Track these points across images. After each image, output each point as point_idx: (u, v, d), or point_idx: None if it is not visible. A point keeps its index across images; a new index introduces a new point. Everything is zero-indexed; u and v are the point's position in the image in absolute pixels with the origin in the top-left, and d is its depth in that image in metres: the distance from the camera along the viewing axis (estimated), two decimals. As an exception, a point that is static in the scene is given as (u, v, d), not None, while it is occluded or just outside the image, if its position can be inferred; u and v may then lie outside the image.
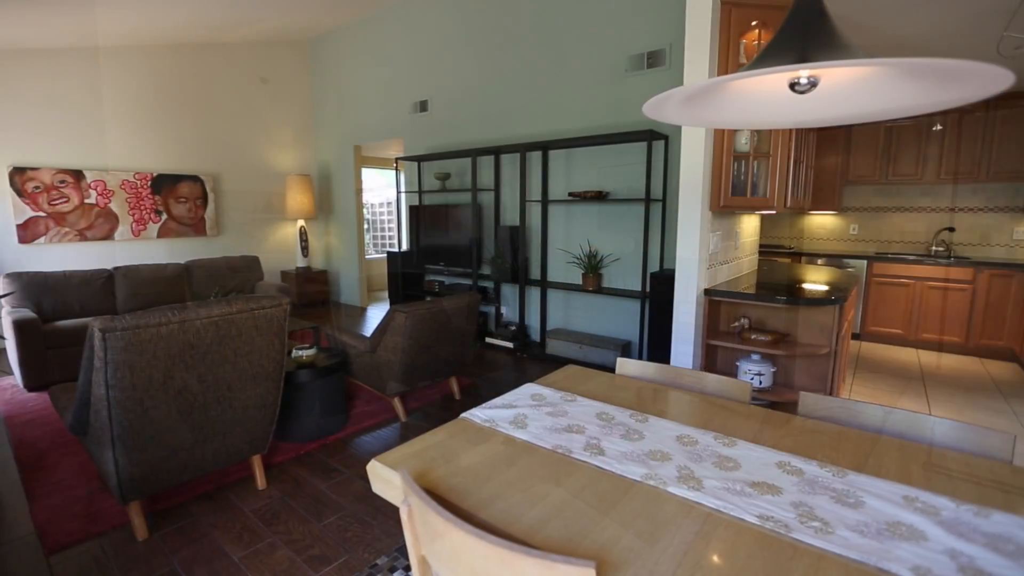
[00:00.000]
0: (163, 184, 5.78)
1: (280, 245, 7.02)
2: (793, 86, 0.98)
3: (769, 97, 1.04)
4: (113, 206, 5.45)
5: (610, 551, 0.90)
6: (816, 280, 3.23)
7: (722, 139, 2.72)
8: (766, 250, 5.92)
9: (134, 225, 5.62)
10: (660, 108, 1.01)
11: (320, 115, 7.16)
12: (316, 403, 2.98)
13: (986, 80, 0.84)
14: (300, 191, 6.79)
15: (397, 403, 3.28)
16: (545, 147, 4.48)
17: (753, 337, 2.78)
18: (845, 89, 0.99)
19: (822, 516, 0.99)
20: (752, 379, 2.76)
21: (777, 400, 2.74)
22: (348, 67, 6.61)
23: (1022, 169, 4.61)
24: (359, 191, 6.90)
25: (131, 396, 1.85)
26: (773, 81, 1.03)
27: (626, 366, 1.83)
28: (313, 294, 6.89)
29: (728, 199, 2.75)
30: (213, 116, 6.17)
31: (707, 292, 2.82)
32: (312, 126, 7.28)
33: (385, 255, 7.05)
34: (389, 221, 8.91)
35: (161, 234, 5.82)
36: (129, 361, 1.81)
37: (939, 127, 4.88)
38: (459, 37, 5.27)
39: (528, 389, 1.66)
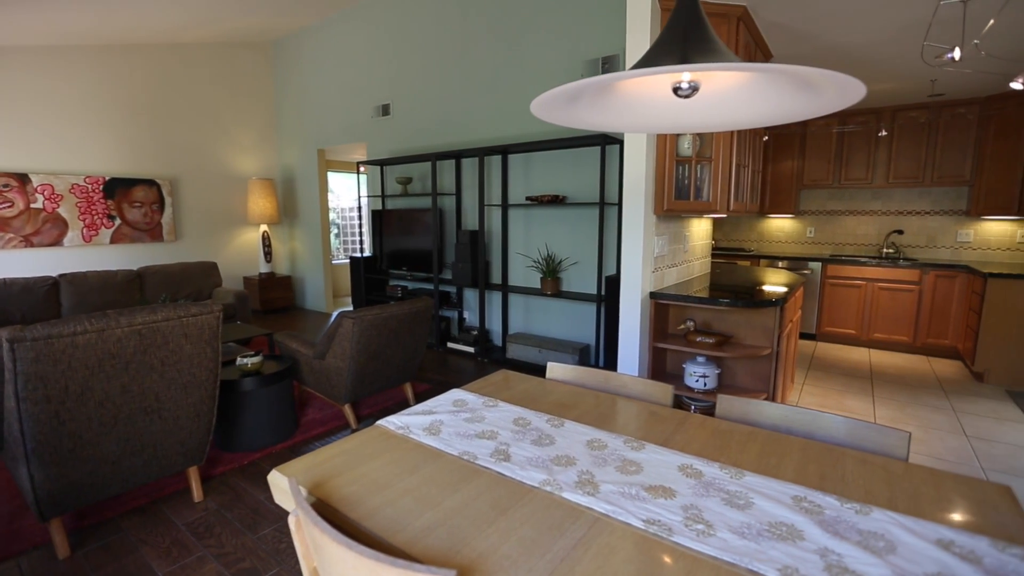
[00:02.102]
0: (116, 188, 5.61)
1: (242, 250, 6.88)
2: (676, 91, 0.99)
3: (656, 101, 1.05)
4: (62, 211, 5.26)
5: (487, 559, 0.89)
6: (762, 282, 3.29)
7: (664, 144, 2.75)
8: (728, 253, 6.04)
9: (85, 231, 5.44)
10: (547, 108, 1.00)
11: (283, 118, 7.06)
12: (262, 412, 2.92)
13: (846, 90, 0.86)
14: (263, 195, 6.67)
15: (348, 410, 3.23)
16: (504, 151, 4.49)
17: (698, 340, 2.81)
18: (725, 95, 1.00)
19: (708, 518, 1.00)
20: (697, 381, 2.79)
21: (722, 401, 2.77)
22: (311, 70, 6.54)
23: (963, 174, 4.79)
24: (324, 195, 6.82)
25: (45, 409, 1.78)
26: (659, 86, 1.05)
27: (555, 370, 1.83)
28: (276, 300, 6.77)
29: (672, 203, 2.79)
30: (170, 118, 6.03)
31: (652, 295, 2.84)
32: (275, 129, 7.17)
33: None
34: (360, 226, 8.81)
35: (114, 240, 5.65)
36: (41, 372, 1.74)
37: (884, 133, 5.03)
38: (420, 41, 5.25)
39: (452, 395, 1.65)
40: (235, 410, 2.84)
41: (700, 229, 3.66)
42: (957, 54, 2.16)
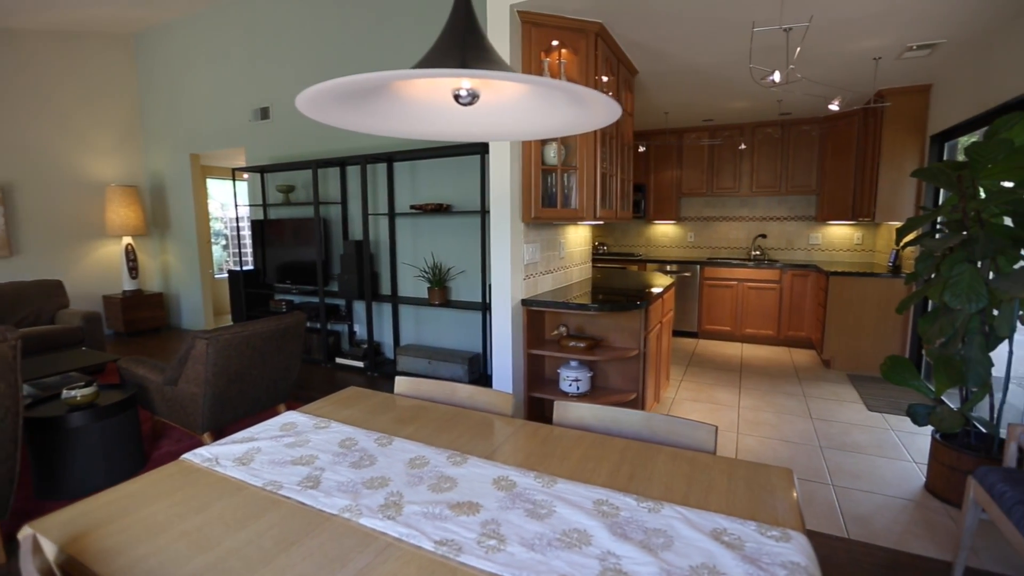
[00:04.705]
0: (-71, 196, 4.77)
1: (101, 266, 6.12)
2: (457, 98, 0.98)
3: (437, 107, 1.03)
4: None
5: (244, 608, 0.80)
6: (637, 285, 3.45)
7: (530, 152, 2.80)
8: (620, 258, 6.32)
9: None
10: (315, 105, 0.94)
11: (150, 120, 6.40)
12: (96, 450, 2.57)
13: (607, 109, 0.88)
14: (125, 204, 5.99)
15: (208, 440, 2.94)
16: (389, 159, 4.37)
17: (571, 344, 2.88)
18: (505, 106, 1.00)
19: (504, 532, 0.98)
20: (571, 386, 2.85)
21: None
22: (181, 67, 5.99)
23: (811, 184, 5.38)
24: (203, 204, 6.27)
25: None
26: (441, 93, 1.02)
27: (402, 385, 1.76)
28: (144, 320, 6.09)
29: (540, 210, 2.84)
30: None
31: (524, 302, 2.87)
32: (140, 132, 6.48)
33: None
34: (239, 237, 8.21)
35: (-73, 257, 4.79)
36: None
37: (743, 147, 5.54)
38: (299, 41, 5.00)
39: (283, 418, 1.53)
40: (61, 451, 2.47)
41: (577, 236, 3.78)
42: (777, 76, 2.41)
